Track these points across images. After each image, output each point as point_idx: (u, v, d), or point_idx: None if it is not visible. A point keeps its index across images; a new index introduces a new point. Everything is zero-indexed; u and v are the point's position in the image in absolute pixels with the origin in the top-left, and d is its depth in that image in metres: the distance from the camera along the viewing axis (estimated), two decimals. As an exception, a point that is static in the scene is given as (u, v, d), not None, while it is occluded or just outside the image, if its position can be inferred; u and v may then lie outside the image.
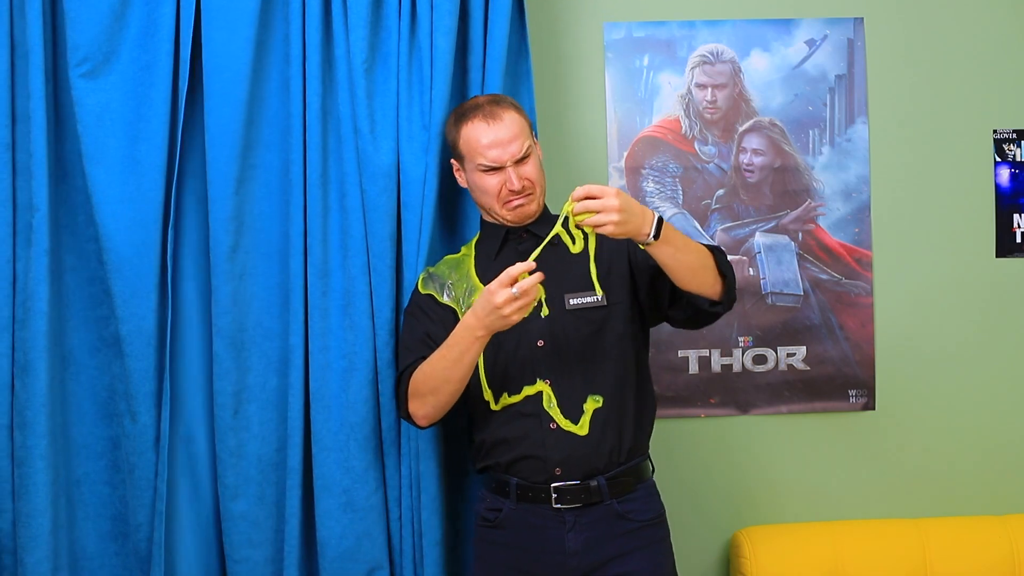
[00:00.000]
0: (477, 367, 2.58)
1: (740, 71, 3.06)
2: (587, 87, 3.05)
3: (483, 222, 2.72)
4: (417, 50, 2.80)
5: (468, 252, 2.72)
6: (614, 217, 2.35)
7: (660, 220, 2.40)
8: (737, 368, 3.08)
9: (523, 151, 2.58)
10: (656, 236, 2.39)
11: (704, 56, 3.06)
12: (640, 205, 2.41)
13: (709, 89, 3.07)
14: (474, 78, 2.83)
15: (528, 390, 2.57)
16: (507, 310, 2.38)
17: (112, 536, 2.82)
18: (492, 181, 2.59)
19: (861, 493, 3.10)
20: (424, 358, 2.57)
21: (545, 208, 2.69)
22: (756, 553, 2.97)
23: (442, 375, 2.51)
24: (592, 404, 2.56)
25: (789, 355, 3.08)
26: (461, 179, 2.69)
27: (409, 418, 2.60)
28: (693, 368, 3.08)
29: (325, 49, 2.78)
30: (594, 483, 2.55)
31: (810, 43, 3.07)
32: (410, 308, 2.68)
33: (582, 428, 2.55)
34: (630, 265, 2.61)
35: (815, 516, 3.09)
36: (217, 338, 2.76)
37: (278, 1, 2.78)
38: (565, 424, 2.55)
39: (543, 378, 2.57)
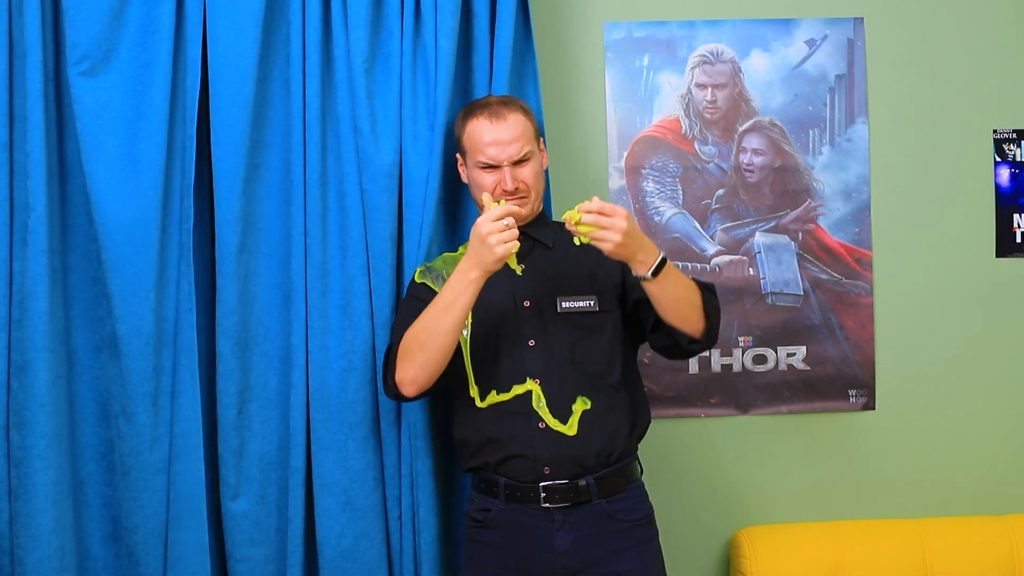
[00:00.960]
0: (464, 361, 2.59)
1: (740, 71, 3.06)
2: (587, 87, 3.05)
3: None
4: (422, 50, 2.80)
5: (465, 251, 2.72)
6: (616, 238, 2.42)
7: (664, 261, 2.47)
8: (737, 368, 3.08)
9: (521, 153, 2.60)
10: (655, 275, 2.46)
11: (704, 56, 3.06)
12: (647, 239, 2.48)
13: (709, 89, 3.06)
14: (480, 78, 2.83)
15: (518, 389, 2.58)
16: (493, 239, 2.42)
17: (114, 538, 2.81)
18: (488, 179, 2.62)
19: (861, 493, 3.10)
20: None
21: (543, 212, 2.72)
22: (756, 553, 2.96)
23: (432, 326, 2.50)
24: (581, 405, 2.56)
25: (789, 355, 3.08)
26: (463, 174, 2.72)
27: (396, 390, 2.57)
28: (693, 368, 3.08)
29: (325, 49, 2.78)
30: (582, 483, 2.55)
31: (810, 43, 3.07)
32: (405, 297, 2.70)
33: (570, 428, 2.55)
34: (623, 277, 2.64)
35: (815, 516, 3.09)
36: (222, 338, 2.75)
37: (281, 1, 2.78)
38: (554, 424, 2.55)
39: (533, 377, 2.57)
